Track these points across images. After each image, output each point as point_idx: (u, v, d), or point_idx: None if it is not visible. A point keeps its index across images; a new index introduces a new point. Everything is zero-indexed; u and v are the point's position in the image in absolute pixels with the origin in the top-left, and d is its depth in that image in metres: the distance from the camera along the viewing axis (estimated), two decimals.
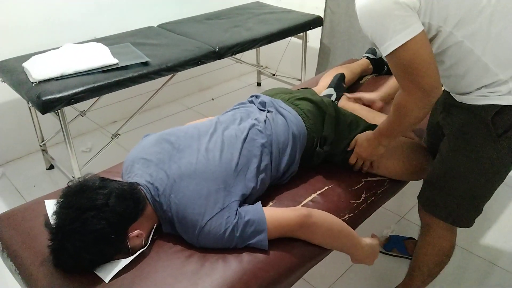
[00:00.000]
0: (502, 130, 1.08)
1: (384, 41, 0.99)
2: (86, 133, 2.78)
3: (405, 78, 1.05)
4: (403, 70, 1.03)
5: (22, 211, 1.25)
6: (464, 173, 1.17)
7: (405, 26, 0.97)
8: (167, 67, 2.05)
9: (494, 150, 1.11)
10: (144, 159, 1.19)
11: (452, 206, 1.23)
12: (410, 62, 1.00)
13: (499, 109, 1.06)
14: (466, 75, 1.08)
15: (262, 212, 1.11)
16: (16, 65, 2.00)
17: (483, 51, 1.01)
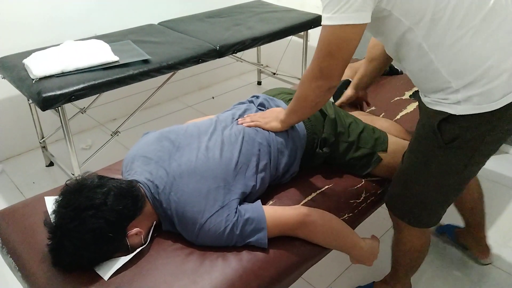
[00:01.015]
0: (448, 139, 1.07)
1: (331, 10, 0.95)
2: (86, 130, 2.77)
3: (323, 54, 1.02)
4: (333, 46, 1.00)
5: (21, 208, 1.25)
6: (415, 175, 1.19)
7: (359, 9, 0.94)
8: (167, 65, 2.04)
9: (442, 156, 1.11)
10: (144, 156, 1.19)
11: (407, 207, 1.25)
12: (343, 45, 0.99)
13: (446, 116, 1.05)
14: (419, 75, 1.08)
15: (262, 210, 1.11)
16: (16, 61, 2.00)
17: (436, 57, 1.00)
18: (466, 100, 1.01)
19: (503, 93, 0.99)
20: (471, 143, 1.06)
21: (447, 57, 0.99)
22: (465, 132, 1.05)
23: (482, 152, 1.09)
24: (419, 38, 0.99)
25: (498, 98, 0.99)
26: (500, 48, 0.98)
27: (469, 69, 0.99)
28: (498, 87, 0.99)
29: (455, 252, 1.82)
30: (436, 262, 1.76)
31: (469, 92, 1.00)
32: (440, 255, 1.80)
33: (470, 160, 1.10)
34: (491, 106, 1.00)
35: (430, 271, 1.72)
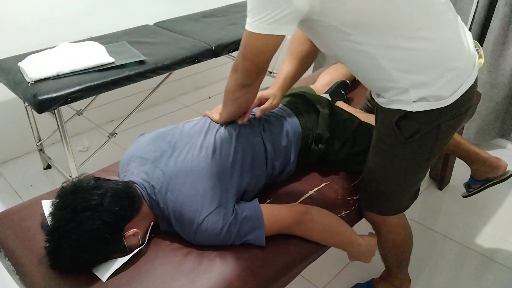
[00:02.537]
0: (408, 135, 1.11)
1: (252, 17, 0.93)
2: (83, 132, 2.77)
3: (239, 53, 1.02)
4: (246, 49, 1.00)
5: (19, 211, 1.25)
6: (381, 173, 1.23)
7: (280, 21, 0.92)
8: (163, 66, 2.04)
9: (404, 152, 1.15)
10: (140, 157, 1.19)
11: (377, 201, 1.29)
12: (255, 50, 0.99)
13: (404, 114, 1.08)
14: (366, 75, 1.09)
15: (259, 208, 1.11)
16: (11, 64, 1.99)
17: (382, 58, 1.00)
18: (420, 100, 1.05)
19: (453, 89, 1.04)
20: (430, 135, 1.11)
21: (393, 58, 1.00)
22: (423, 126, 1.09)
23: (441, 140, 1.14)
24: (361, 42, 0.99)
25: (449, 94, 1.04)
26: (446, 46, 1.01)
27: (416, 68, 1.01)
28: (447, 84, 1.03)
29: (454, 246, 1.82)
30: (435, 258, 1.77)
31: (420, 92, 1.04)
32: (438, 251, 1.81)
33: (432, 150, 1.15)
34: (445, 102, 1.05)
35: (429, 267, 1.72)
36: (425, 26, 0.98)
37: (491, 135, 2.43)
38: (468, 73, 1.06)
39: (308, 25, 1.01)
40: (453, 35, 1.03)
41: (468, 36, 1.10)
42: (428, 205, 2.08)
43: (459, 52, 1.04)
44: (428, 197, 2.12)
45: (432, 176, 2.22)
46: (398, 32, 0.97)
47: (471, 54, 1.08)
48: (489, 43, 2.19)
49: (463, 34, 1.07)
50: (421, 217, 1.99)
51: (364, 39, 0.98)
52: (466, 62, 1.05)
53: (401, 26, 0.96)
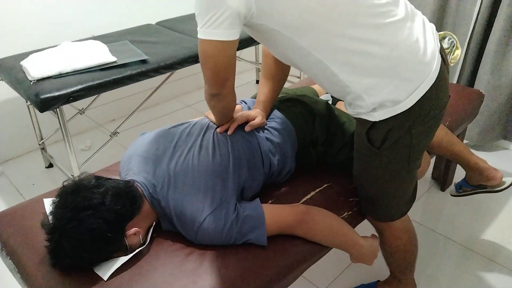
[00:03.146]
0: (378, 144, 1.11)
1: (199, 23, 0.96)
2: (85, 131, 2.77)
3: (201, 64, 1.04)
4: (201, 56, 1.02)
5: (21, 210, 1.25)
6: (362, 181, 1.24)
7: (222, 26, 0.94)
8: (165, 65, 2.04)
9: (379, 160, 1.14)
10: (141, 156, 1.19)
11: (368, 205, 1.29)
12: (207, 56, 1.01)
13: (371, 124, 1.08)
14: (321, 79, 1.08)
15: (260, 208, 1.11)
16: (14, 63, 2.00)
17: (329, 61, 1.00)
18: (380, 106, 1.04)
19: (408, 92, 1.02)
20: (402, 141, 1.09)
21: (340, 62, 1.00)
22: (391, 133, 1.08)
23: (417, 145, 1.12)
24: (306, 46, 0.99)
25: (405, 97, 1.02)
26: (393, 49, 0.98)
27: (363, 72, 1.00)
28: (400, 87, 1.01)
29: (456, 248, 1.82)
30: (437, 259, 1.77)
31: (373, 98, 1.02)
32: (440, 252, 1.80)
33: (410, 156, 1.13)
34: (403, 106, 1.03)
35: (430, 269, 1.72)
36: (367, 26, 0.96)
37: (493, 136, 2.42)
38: (425, 74, 1.02)
39: (256, 30, 1.03)
40: (402, 36, 0.99)
41: (428, 31, 1.06)
42: (430, 207, 2.07)
43: (410, 53, 1.00)
44: (430, 199, 2.12)
45: (435, 178, 2.22)
46: (337, 32, 0.96)
47: (429, 52, 1.03)
48: (492, 44, 2.19)
49: (420, 31, 1.03)
50: (423, 218, 1.98)
51: (306, 43, 0.98)
52: (419, 63, 1.01)
53: (339, 26, 0.95)
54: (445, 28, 2.42)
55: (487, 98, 2.27)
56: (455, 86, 1.96)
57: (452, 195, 1.76)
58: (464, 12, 2.28)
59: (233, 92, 1.13)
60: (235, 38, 0.98)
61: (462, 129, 1.91)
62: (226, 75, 1.05)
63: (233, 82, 1.09)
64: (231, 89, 1.10)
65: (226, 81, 1.06)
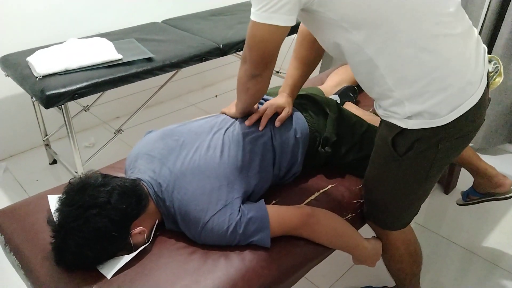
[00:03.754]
0: (402, 151, 1.08)
1: (256, 6, 0.94)
2: (89, 128, 2.78)
3: (246, 44, 1.03)
4: (251, 39, 1.01)
5: (24, 206, 1.25)
6: (374, 184, 1.22)
7: (280, 11, 0.92)
8: (171, 63, 2.04)
9: (398, 168, 1.12)
10: (148, 154, 1.19)
11: (372, 210, 1.28)
12: (259, 40, 0.99)
13: (400, 130, 1.05)
14: (364, 77, 1.06)
15: (265, 209, 1.11)
16: (20, 59, 2.00)
17: (380, 63, 0.98)
18: (416, 115, 1.01)
19: (450, 108, 0.99)
20: (426, 153, 1.07)
21: (391, 64, 0.97)
22: (418, 144, 1.05)
23: (441, 160, 1.09)
24: (360, 42, 0.96)
25: (446, 113, 0.99)
26: (446, 62, 0.96)
27: (412, 79, 0.98)
28: (443, 102, 0.98)
29: (459, 251, 1.81)
30: (440, 263, 1.76)
31: (415, 106, 1.00)
32: (443, 255, 1.79)
33: (430, 170, 1.10)
34: (441, 121, 1.00)
35: (433, 272, 1.71)
36: (429, 34, 0.94)
37: (498, 140, 2.41)
38: (469, 93, 1.00)
39: (309, 17, 1.00)
40: (457, 51, 0.97)
41: (481, 51, 1.05)
42: (434, 209, 2.06)
43: (461, 70, 0.98)
44: (434, 201, 2.11)
45: (439, 181, 2.20)
46: (397, 36, 0.93)
47: (477, 73, 1.01)
48: (498, 48, 2.18)
49: (473, 50, 1.01)
50: (426, 221, 1.98)
51: (362, 39, 0.95)
52: (467, 82, 0.99)
53: (400, 30, 0.93)
54: None
55: (493, 101, 2.26)
56: None
57: (459, 204, 1.73)
58: (471, 16, 2.27)
59: (271, 75, 1.12)
60: (293, 24, 0.96)
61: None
62: (271, 59, 1.04)
63: (275, 64, 1.08)
64: (271, 72, 1.09)
65: (270, 63, 1.05)
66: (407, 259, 1.33)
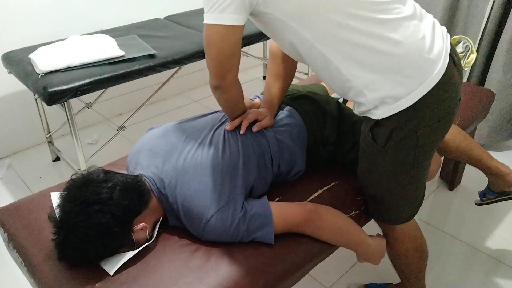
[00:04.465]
0: (382, 142, 1.09)
1: (206, 8, 0.97)
2: (92, 125, 2.78)
3: (205, 53, 1.04)
4: (205, 43, 1.02)
5: (28, 203, 1.25)
6: (366, 180, 1.23)
7: (228, 10, 0.94)
8: (173, 60, 2.03)
9: (383, 160, 1.12)
10: (150, 151, 1.19)
11: (372, 205, 1.27)
12: (211, 42, 1.00)
13: (374, 122, 1.07)
14: (324, 74, 1.07)
15: (268, 206, 1.10)
16: (22, 56, 2.00)
17: (332, 56, 0.99)
18: (381, 103, 1.02)
19: (410, 89, 1.00)
20: (407, 142, 1.07)
21: (342, 55, 0.99)
22: (396, 133, 1.06)
23: (424, 147, 1.09)
24: (310, 38, 0.98)
25: (407, 93, 1.00)
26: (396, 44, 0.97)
27: (365, 66, 0.99)
28: (402, 83, 1.00)
29: (463, 248, 1.80)
30: (444, 259, 1.75)
31: (375, 93, 1.01)
32: (447, 251, 1.79)
33: (415, 158, 1.10)
34: (406, 102, 1.01)
35: (437, 268, 1.71)
36: (370, 20, 0.96)
37: (504, 136, 2.39)
38: (429, 71, 1.00)
39: (262, 22, 1.03)
40: (407, 32, 0.98)
41: (437, 32, 1.05)
42: (438, 206, 2.05)
43: (414, 50, 0.99)
44: (438, 198, 2.10)
45: (443, 177, 2.20)
46: (340, 23, 0.95)
47: (435, 51, 1.01)
48: (504, 43, 2.15)
49: (428, 30, 1.02)
50: (431, 217, 1.97)
51: (310, 34, 0.98)
52: (424, 61, 0.99)
53: (342, 17, 0.95)
54: (456, 26, 2.39)
55: (498, 97, 2.24)
56: (466, 85, 1.93)
57: (477, 204, 1.70)
58: (476, 10, 2.25)
59: (236, 86, 1.12)
60: (240, 24, 0.97)
61: (472, 128, 1.88)
62: (228, 66, 1.04)
63: (235, 75, 1.07)
64: (232, 82, 1.09)
65: (227, 73, 1.05)
66: (413, 254, 1.33)
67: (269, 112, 1.30)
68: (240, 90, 1.16)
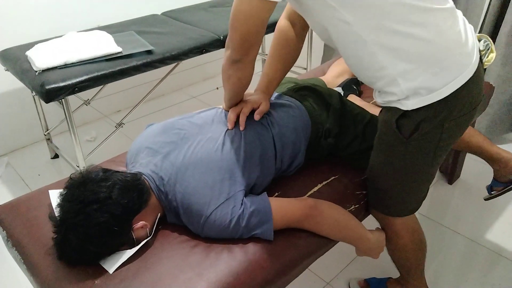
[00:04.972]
0: (408, 134, 1.08)
1: None
2: (90, 122, 2.77)
3: (229, 24, 1.02)
4: (233, 16, 1.00)
5: (26, 201, 1.25)
6: (381, 172, 1.20)
7: None
8: (171, 56, 2.03)
9: (405, 151, 1.11)
10: (149, 148, 1.18)
11: (379, 199, 1.26)
12: (241, 16, 0.99)
13: (402, 113, 1.05)
14: (355, 60, 1.05)
15: (268, 202, 1.10)
16: (19, 53, 1.99)
17: (368, 36, 0.97)
18: (413, 94, 1.01)
19: (445, 81, 0.99)
20: (432, 134, 1.07)
21: (382, 41, 0.97)
22: (423, 124, 1.05)
23: (446, 140, 1.09)
24: (350, 21, 0.96)
25: (441, 86, 0.99)
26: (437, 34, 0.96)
27: (404, 54, 0.97)
28: (438, 74, 0.98)
29: (463, 241, 1.80)
30: (443, 253, 1.75)
31: (410, 83, 1.00)
32: (447, 245, 1.79)
33: (436, 150, 1.10)
34: (438, 95, 1.00)
35: (436, 262, 1.71)
36: (416, 8, 0.94)
37: (503, 129, 2.39)
38: (464, 65, 1.00)
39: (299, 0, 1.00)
40: (447, 24, 0.98)
41: (468, 28, 1.05)
42: (437, 200, 2.05)
43: (453, 42, 0.99)
44: (438, 192, 2.10)
45: (442, 171, 2.20)
46: (386, 10, 0.93)
47: (469, 46, 1.02)
48: (503, 36, 2.15)
49: (462, 25, 1.02)
50: (430, 211, 1.97)
51: (352, 17, 0.95)
52: (460, 54, 1.00)
53: (389, 6, 0.93)
54: None
55: (497, 90, 2.24)
56: None
57: (486, 199, 1.70)
58: (475, 3, 2.24)
59: (253, 64, 1.11)
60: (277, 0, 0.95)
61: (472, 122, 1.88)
62: (254, 41, 1.03)
63: (257, 51, 1.07)
64: (253, 59, 1.08)
65: (251, 48, 1.04)
66: (412, 247, 1.33)
67: (263, 97, 1.27)
68: (253, 70, 1.14)
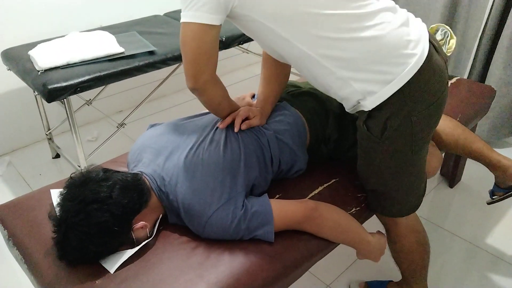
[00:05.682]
0: (378, 133, 1.10)
1: (183, 7, 0.98)
2: (92, 122, 2.77)
3: (181, 51, 1.04)
4: (180, 42, 1.02)
5: (28, 200, 1.25)
6: (367, 173, 1.24)
7: (204, 9, 0.95)
8: (173, 56, 2.03)
9: (382, 151, 1.13)
10: (151, 148, 1.18)
11: (374, 200, 1.28)
12: (186, 41, 1.00)
13: (367, 114, 1.08)
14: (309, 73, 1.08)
15: (268, 204, 1.10)
16: (22, 53, 1.99)
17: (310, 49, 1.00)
18: (368, 93, 1.04)
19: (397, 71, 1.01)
20: (402, 129, 1.08)
21: (324, 50, 1.00)
22: (390, 122, 1.07)
23: (419, 133, 1.11)
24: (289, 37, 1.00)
25: (391, 80, 1.02)
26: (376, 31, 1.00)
27: (348, 57, 1.00)
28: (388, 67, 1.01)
29: (463, 245, 1.80)
30: (444, 256, 1.75)
31: (361, 84, 1.03)
32: (447, 249, 1.79)
33: (412, 145, 1.12)
34: (391, 89, 1.02)
35: (437, 265, 1.71)
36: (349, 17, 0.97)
37: (504, 133, 2.39)
38: (410, 57, 1.02)
39: (242, 24, 1.04)
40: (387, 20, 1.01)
41: (411, 22, 1.07)
42: (438, 203, 2.05)
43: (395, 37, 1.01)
44: (438, 195, 2.10)
45: (443, 174, 2.20)
46: (319, 24, 0.97)
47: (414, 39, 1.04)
48: (505, 39, 2.15)
49: (404, 20, 1.04)
50: (431, 214, 1.97)
51: (288, 35, 0.99)
52: (405, 46, 1.02)
53: (321, 18, 0.96)
54: (457, 22, 2.38)
55: (498, 94, 2.23)
56: (466, 81, 1.93)
57: (488, 203, 1.68)
58: (477, 6, 2.24)
59: (213, 87, 1.10)
60: (215, 23, 0.98)
61: (473, 125, 1.88)
62: (202, 67, 1.03)
63: (210, 76, 1.06)
64: (207, 83, 1.07)
65: (201, 74, 1.04)
66: (417, 249, 1.33)
67: (260, 112, 1.28)
68: (220, 90, 1.14)
